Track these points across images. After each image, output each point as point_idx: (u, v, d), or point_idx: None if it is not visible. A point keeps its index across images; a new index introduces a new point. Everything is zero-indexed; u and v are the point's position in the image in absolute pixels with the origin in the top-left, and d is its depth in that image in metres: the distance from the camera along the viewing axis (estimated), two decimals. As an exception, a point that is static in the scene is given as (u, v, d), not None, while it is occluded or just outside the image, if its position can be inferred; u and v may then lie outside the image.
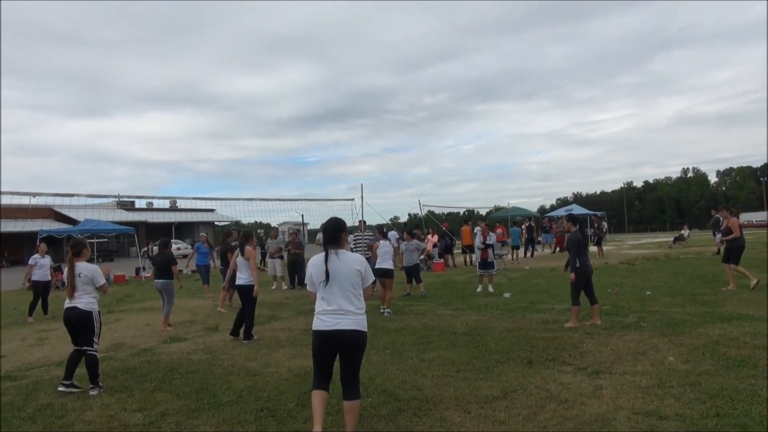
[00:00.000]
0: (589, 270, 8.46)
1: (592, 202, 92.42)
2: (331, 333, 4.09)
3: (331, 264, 4.15)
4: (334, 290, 4.15)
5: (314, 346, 4.21)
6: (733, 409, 4.45)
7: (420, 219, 23.49)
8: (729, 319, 8.04)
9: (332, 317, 4.12)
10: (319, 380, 4.22)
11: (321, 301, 4.18)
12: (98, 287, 6.15)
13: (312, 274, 4.26)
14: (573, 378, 5.57)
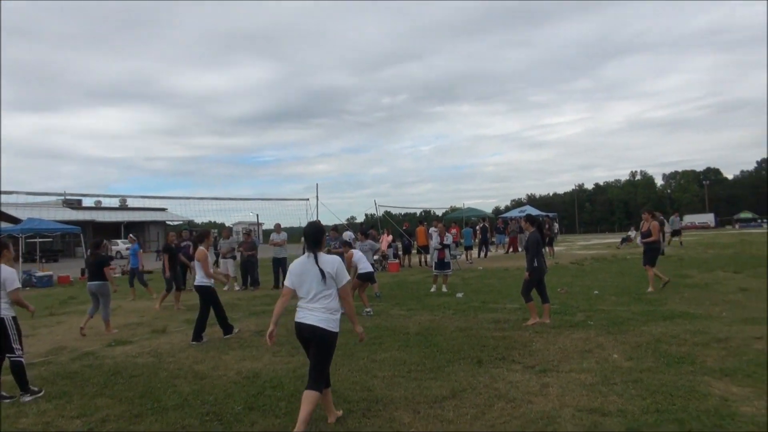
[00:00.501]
0: (544, 270, 8.70)
1: (545, 204, 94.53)
2: (302, 325, 4.42)
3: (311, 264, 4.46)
4: (309, 291, 4.44)
5: (296, 335, 4.56)
6: (672, 404, 4.59)
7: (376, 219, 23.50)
8: (671, 317, 8.32)
9: (304, 312, 4.44)
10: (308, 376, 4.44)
11: (300, 299, 4.51)
12: (8, 292, 5.73)
13: (291, 274, 4.53)
14: (521, 376, 5.65)
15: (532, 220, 9.03)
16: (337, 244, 13.60)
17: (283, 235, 16.23)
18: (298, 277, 4.48)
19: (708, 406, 4.51)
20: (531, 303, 8.47)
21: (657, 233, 11.74)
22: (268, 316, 10.40)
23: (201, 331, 8.25)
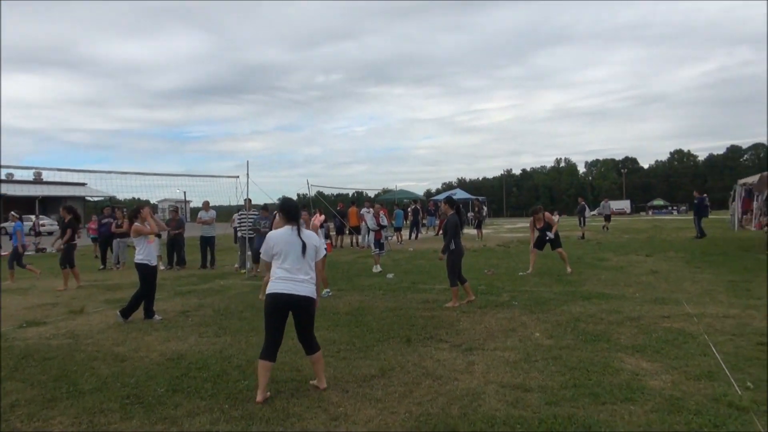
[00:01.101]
0: (462, 252, 8.77)
1: (474, 188, 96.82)
2: (288, 296, 4.59)
3: (295, 237, 4.65)
4: (297, 261, 4.64)
5: (269, 309, 4.65)
6: (589, 379, 4.84)
7: (309, 199, 23.23)
8: (588, 297, 8.74)
9: (289, 283, 4.61)
10: (268, 347, 4.65)
11: (280, 269, 4.64)
12: None
13: (274, 245, 4.66)
14: (448, 355, 5.78)
15: (451, 203, 9.09)
16: (267, 223, 13.36)
17: (212, 213, 15.78)
18: (283, 248, 4.63)
19: (621, 380, 4.78)
20: (455, 288, 8.51)
21: (555, 224, 12.79)
22: (194, 296, 10.13)
23: (131, 308, 7.98)
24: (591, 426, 3.84)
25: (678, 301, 8.28)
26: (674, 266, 12.57)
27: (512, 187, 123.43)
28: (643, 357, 5.48)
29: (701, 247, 16.85)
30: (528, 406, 4.28)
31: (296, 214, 4.82)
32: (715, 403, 4.20)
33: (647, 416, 4.00)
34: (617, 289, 9.53)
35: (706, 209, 22.53)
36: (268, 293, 4.69)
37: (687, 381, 4.73)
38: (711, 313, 7.37)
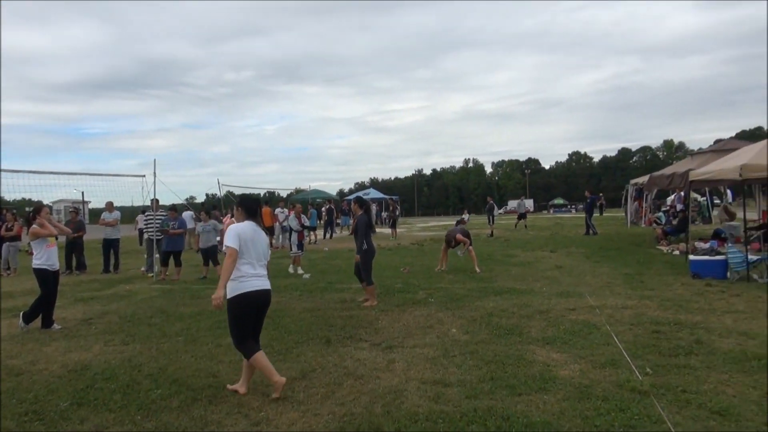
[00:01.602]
0: (374, 251, 8.82)
1: (387, 187, 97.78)
2: (261, 293, 4.63)
3: (259, 233, 4.71)
4: (260, 257, 4.68)
5: (245, 308, 4.56)
6: (504, 372, 5.02)
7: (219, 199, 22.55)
8: (500, 293, 9.08)
9: (260, 279, 4.64)
10: (252, 342, 4.67)
11: (247, 266, 4.58)
12: None
13: (247, 240, 4.58)
14: (369, 354, 5.80)
15: (361, 203, 9.11)
16: (175, 224, 12.81)
17: (116, 214, 14.91)
18: (251, 242, 4.60)
19: (534, 371, 5.00)
20: (371, 287, 8.57)
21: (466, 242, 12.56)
22: (97, 302, 9.52)
23: (31, 315, 7.39)
24: (509, 417, 3.98)
25: (581, 294, 8.78)
26: (576, 261, 13.33)
27: (423, 186, 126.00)
28: (553, 348, 5.76)
29: (599, 243, 17.98)
30: (449, 400, 4.38)
31: (257, 210, 4.81)
32: (620, 388, 4.49)
33: (560, 404, 4.21)
34: (526, 284, 9.96)
35: (601, 207, 24.09)
36: (243, 292, 4.53)
37: (593, 369, 5.02)
38: (611, 304, 7.87)
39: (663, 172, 18.68)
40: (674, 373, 4.84)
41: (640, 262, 12.65)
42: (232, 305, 4.54)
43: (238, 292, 4.53)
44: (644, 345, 5.73)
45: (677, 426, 3.74)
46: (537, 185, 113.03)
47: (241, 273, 4.55)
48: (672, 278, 10.09)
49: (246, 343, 4.62)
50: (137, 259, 16.46)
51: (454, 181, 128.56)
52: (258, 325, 4.80)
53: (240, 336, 4.62)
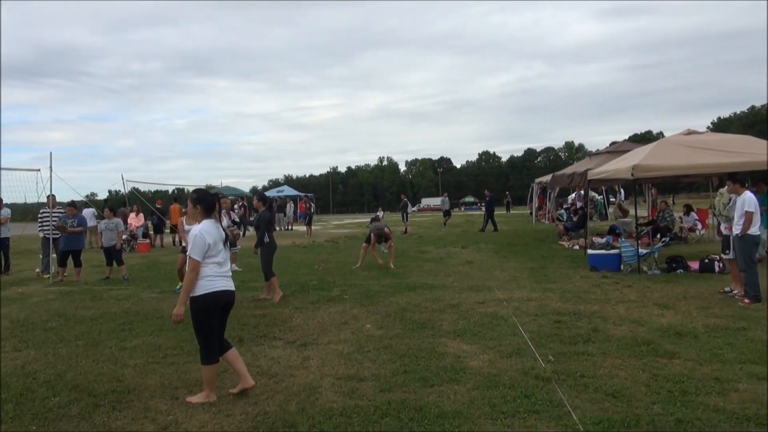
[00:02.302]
0: (275, 246, 8.97)
1: (301, 185, 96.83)
2: (228, 293, 4.45)
3: (220, 230, 4.46)
4: (225, 256, 4.50)
5: (211, 310, 4.33)
6: (417, 365, 5.14)
7: (123, 196, 21.45)
8: (414, 288, 9.27)
9: (225, 279, 4.46)
10: (213, 349, 4.38)
11: (215, 266, 4.38)
12: None
13: (213, 243, 4.34)
14: (283, 352, 5.74)
15: (264, 199, 9.25)
16: (74, 222, 12.03)
17: (6, 211, 13.76)
18: (215, 243, 4.37)
19: (445, 363, 5.15)
20: (274, 278, 8.76)
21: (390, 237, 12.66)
22: (-16, 307, 8.77)
23: None
24: (422, 408, 4.08)
25: (490, 287, 9.13)
26: (485, 256, 13.85)
27: (338, 184, 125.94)
28: (463, 340, 5.96)
29: (507, 239, 18.76)
30: (363, 395, 4.42)
31: (215, 206, 4.52)
32: (525, 376, 4.72)
33: (470, 394, 4.37)
34: (439, 279, 10.22)
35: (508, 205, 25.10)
36: (209, 292, 4.30)
37: (501, 359, 5.25)
38: (517, 297, 8.25)
39: (564, 172, 19.80)
40: (574, 359, 5.15)
41: (544, 256, 13.32)
42: (198, 305, 4.29)
43: (205, 291, 4.30)
44: (547, 334, 6.05)
45: (576, 409, 3.98)
46: (449, 183, 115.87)
47: (210, 272, 4.34)
48: (572, 271, 10.72)
49: (213, 346, 4.37)
50: (31, 259, 15.33)
51: (369, 179, 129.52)
52: (222, 328, 4.56)
53: (208, 337, 4.35)
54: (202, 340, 4.37)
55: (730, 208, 8.06)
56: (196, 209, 4.47)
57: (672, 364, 4.94)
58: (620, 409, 3.96)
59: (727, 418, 3.76)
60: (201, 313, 4.31)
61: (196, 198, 4.53)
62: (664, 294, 8.20)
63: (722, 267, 9.78)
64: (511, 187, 76.66)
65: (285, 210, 29.86)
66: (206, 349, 4.36)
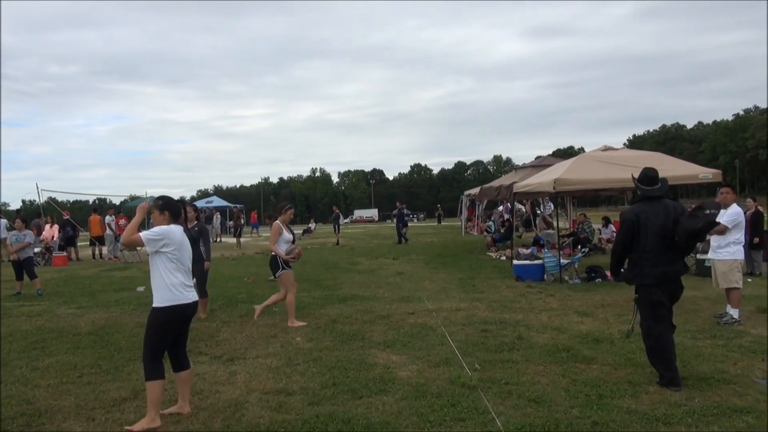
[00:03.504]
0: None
1: (231, 196, 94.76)
2: (192, 305, 4.23)
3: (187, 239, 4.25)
4: (188, 264, 4.25)
5: (172, 322, 4.13)
6: (347, 377, 5.13)
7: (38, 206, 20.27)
8: (345, 300, 9.25)
9: (192, 290, 4.25)
10: (161, 364, 4.12)
11: (181, 274, 4.16)
12: None
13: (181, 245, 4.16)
14: (209, 367, 5.58)
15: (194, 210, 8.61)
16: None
17: None
18: (183, 248, 4.18)
19: (375, 374, 5.17)
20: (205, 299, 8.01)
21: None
22: None
23: None
24: (350, 420, 4.08)
25: (420, 298, 9.26)
26: (416, 267, 14.02)
27: (270, 195, 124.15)
28: (393, 351, 6.00)
29: (437, 250, 19.08)
30: (291, 409, 4.37)
31: (181, 213, 4.32)
32: (452, 385, 4.81)
33: (398, 404, 4.40)
34: (370, 291, 10.26)
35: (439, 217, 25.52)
36: (177, 304, 4.07)
37: (429, 368, 5.33)
38: (446, 307, 8.40)
39: (492, 185, 20.39)
40: (499, 367, 5.30)
41: (472, 267, 13.64)
42: (161, 315, 4.06)
43: (172, 302, 4.06)
44: (474, 343, 6.20)
45: (500, 415, 4.10)
46: (381, 195, 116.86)
47: (176, 281, 4.09)
48: (499, 281, 11.03)
49: (159, 361, 4.11)
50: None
51: (302, 190, 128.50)
52: (183, 342, 4.38)
53: (158, 351, 4.12)
54: (149, 354, 4.09)
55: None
56: (162, 216, 4.18)
57: (590, 369, 5.18)
58: (541, 414, 4.11)
59: (639, 419, 3.98)
60: (161, 325, 4.09)
61: (162, 204, 4.23)
62: (583, 302, 8.58)
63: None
64: (442, 200, 78.03)
65: (212, 221, 29.10)
66: (154, 363, 4.09)
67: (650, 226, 4.76)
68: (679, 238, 4.70)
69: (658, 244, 4.75)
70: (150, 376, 4.07)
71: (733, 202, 7.16)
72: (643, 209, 4.88)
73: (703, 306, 7.98)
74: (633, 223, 4.83)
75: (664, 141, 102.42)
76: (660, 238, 4.74)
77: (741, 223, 7.07)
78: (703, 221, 4.69)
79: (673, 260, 4.81)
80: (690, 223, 4.66)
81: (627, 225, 4.90)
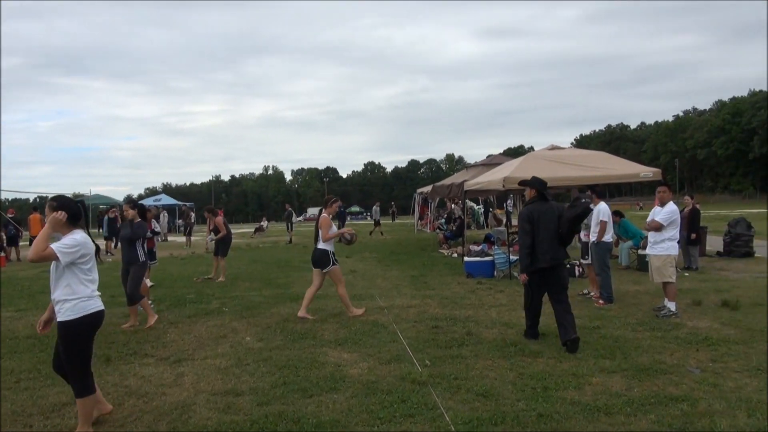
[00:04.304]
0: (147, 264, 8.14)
1: (181, 193, 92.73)
2: (104, 312, 4.01)
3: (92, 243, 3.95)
4: (96, 272, 3.99)
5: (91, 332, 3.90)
6: (297, 376, 5.10)
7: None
8: (296, 298, 9.17)
9: (99, 298, 3.99)
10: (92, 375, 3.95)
11: (90, 283, 3.89)
12: None
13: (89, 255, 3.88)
14: (155, 370, 5.45)
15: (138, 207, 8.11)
16: None
17: None
18: (92, 258, 3.92)
19: (326, 372, 5.16)
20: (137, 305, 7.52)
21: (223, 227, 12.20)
22: None
23: None
24: (300, 419, 4.06)
25: (372, 296, 9.29)
26: (369, 265, 14.05)
27: (221, 193, 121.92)
28: (344, 349, 6.00)
29: (390, 248, 19.17)
30: (240, 409, 4.32)
31: (81, 215, 3.93)
32: (402, 381, 4.85)
33: (348, 402, 4.41)
34: (322, 289, 10.17)
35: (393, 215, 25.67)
36: (89, 313, 3.81)
37: (380, 366, 5.35)
38: (398, 304, 8.45)
39: (444, 183, 20.61)
40: (449, 363, 5.37)
41: (424, 264, 13.77)
42: (77, 329, 3.77)
43: (84, 312, 3.79)
44: (425, 340, 6.26)
45: (449, 410, 4.16)
46: (335, 193, 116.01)
47: (84, 292, 3.81)
48: (450, 278, 11.17)
49: (87, 377, 3.87)
50: None
51: (254, 188, 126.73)
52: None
53: (88, 364, 3.88)
54: (80, 370, 3.84)
55: (590, 217, 8.81)
56: (57, 215, 3.78)
57: (536, 363, 5.31)
58: (489, 408, 4.19)
59: (581, 410, 4.11)
60: (81, 339, 3.81)
61: (58, 204, 3.83)
62: (531, 297, 8.78)
63: (582, 271, 10.67)
64: (396, 197, 78.57)
65: (159, 220, 28.36)
66: (86, 380, 3.86)
67: (541, 222, 5.93)
68: (563, 228, 5.92)
69: (548, 236, 5.91)
70: (84, 392, 3.86)
71: (669, 200, 7.47)
72: (536, 208, 6.06)
73: (643, 300, 8.30)
74: (530, 218, 5.98)
75: (610, 141, 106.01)
76: (549, 231, 5.91)
77: (676, 221, 7.38)
78: (580, 208, 6.06)
79: (558, 249, 5.99)
80: (570, 213, 5.94)
81: (527, 220, 6.01)
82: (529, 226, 5.94)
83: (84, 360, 3.86)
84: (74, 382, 3.88)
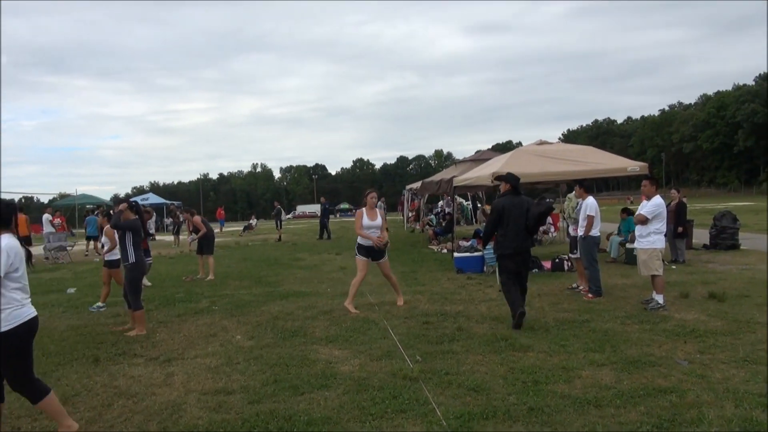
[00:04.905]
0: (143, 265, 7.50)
1: (169, 192, 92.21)
2: (37, 319, 3.83)
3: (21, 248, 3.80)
4: (26, 278, 3.80)
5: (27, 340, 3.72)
6: (288, 373, 5.09)
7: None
8: (286, 296, 9.17)
9: (31, 305, 3.81)
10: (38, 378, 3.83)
11: (21, 290, 3.70)
12: None
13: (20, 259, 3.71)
14: (144, 370, 5.41)
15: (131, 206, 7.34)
16: None
17: None
18: (22, 261, 3.73)
19: (317, 370, 5.15)
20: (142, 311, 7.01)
21: (202, 226, 12.23)
22: None
23: None
24: (291, 417, 4.05)
25: (362, 293, 9.25)
26: (359, 262, 14.01)
27: (210, 191, 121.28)
28: (335, 346, 6.00)
29: (380, 245, 19.13)
30: (231, 408, 4.30)
31: (12, 219, 3.78)
32: (393, 377, 4.85)
33: (340, 399, 4.40)
34: (312, 287, 10.20)
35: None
36: (24, 321, 3.64)
37: (371, 362, 5.35)
38: (388, 301, 8.46)
39: (433, 179, 20.64)
40: (440, 358, 5.38)
41: (414, 260, 13.79)
42: (13, 340, 3.59)
43: (18, 321, 3.62)
44: (416, 335, 6.27)
45: (440, 405, 4.17)
46: (324, 190, 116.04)
47: (16, 298, 3.64)
48: (440, 274, 11.20)
49: (35, 382, 3.76)
50: None
51: (242, 186, 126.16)
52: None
53: (28, 373, 3.74)
54: (24, 380, 3.72)
55: (578, 211, 8.86)
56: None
57: (526, 357, 5.34)
58: (480, 402, 4.21)
59: (572, 403, 4.13)
60: (19, 349, 3.65)
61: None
62: (521, 292, 8.82)
63: (570, 265, 10.73)
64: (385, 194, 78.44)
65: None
66: (34, 384, 3.76)
67: (511, 213, 6.58)
68: (530, 222, 6.58)
69: (516, 227, 6.57)
70: (39, 396, 3.76)
71: (654, 194, 7.52)
72: (508, 201, 6.71)
73: (631, 293, 8.36)
74: (500, 210, 6.68)
75: (597, 135, 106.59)
76: (518, 223, 6.57)
77: (662, 214, 7.43)
78: (544, 206, 6.87)
79: (525, 238, 6.67)
80: (536, 209, 6.63)
81: (497, 211, 6.73)
82: (496, 216, 6.71)
83: (25, 369, 3.73)
84: (24, 391, 3.78)
